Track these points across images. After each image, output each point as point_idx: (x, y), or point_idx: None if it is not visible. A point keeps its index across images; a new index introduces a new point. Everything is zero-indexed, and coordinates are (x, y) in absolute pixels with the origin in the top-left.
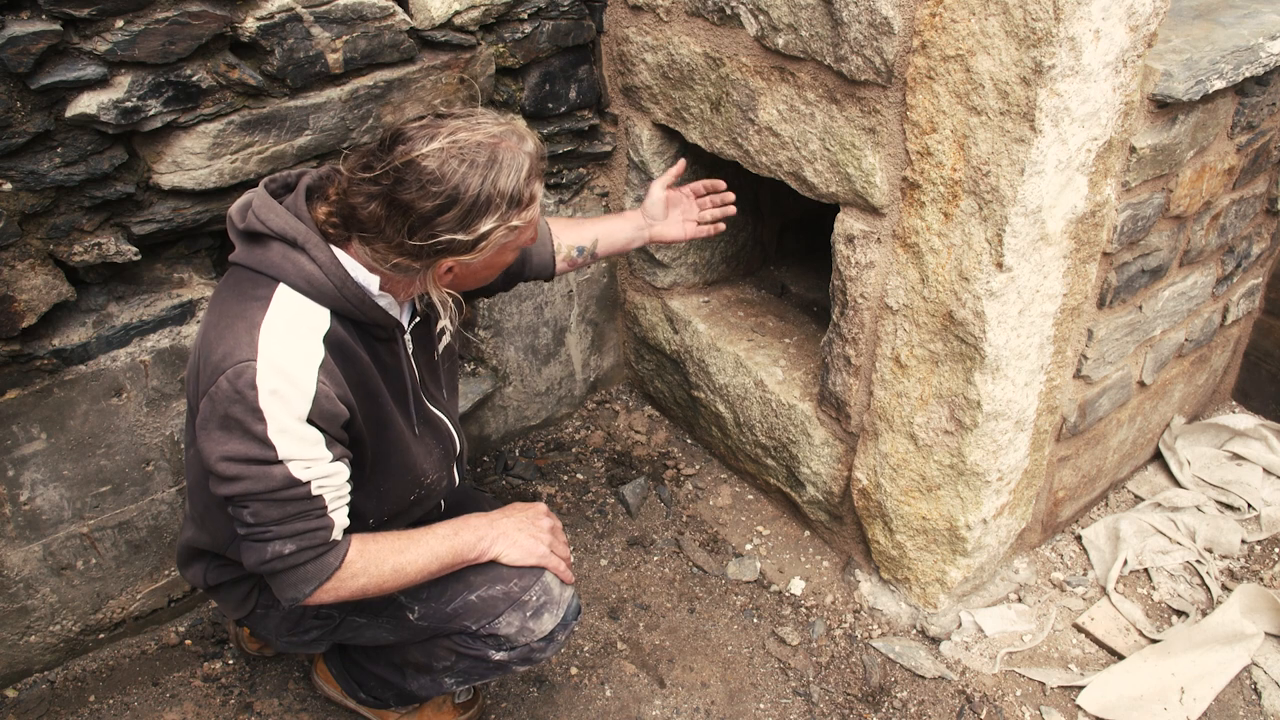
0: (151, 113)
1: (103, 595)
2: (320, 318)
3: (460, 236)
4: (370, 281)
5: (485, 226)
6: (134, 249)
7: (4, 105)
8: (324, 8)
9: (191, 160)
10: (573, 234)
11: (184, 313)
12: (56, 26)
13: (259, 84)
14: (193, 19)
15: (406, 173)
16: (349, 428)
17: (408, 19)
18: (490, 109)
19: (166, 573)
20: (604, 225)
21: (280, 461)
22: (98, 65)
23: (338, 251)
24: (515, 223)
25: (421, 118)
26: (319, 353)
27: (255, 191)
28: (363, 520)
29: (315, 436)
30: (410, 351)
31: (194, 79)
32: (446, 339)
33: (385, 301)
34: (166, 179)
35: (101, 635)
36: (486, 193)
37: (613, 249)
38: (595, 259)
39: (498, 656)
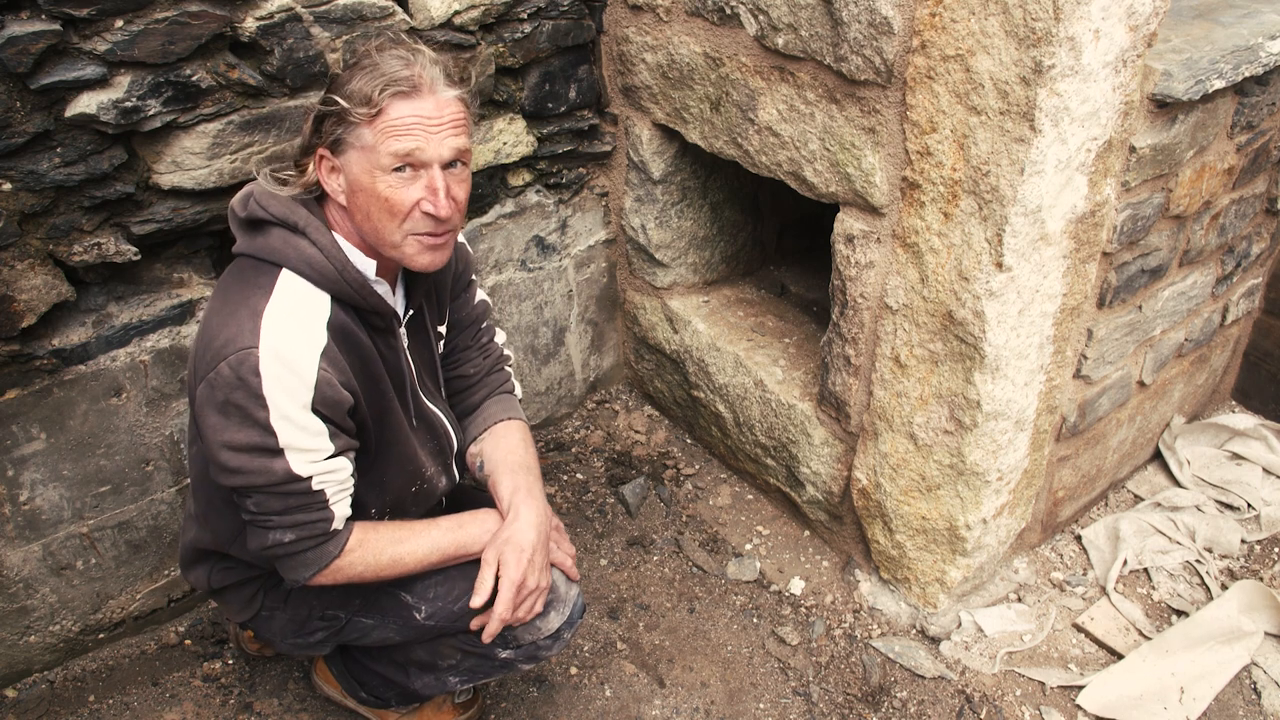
0: (151, 113)
1: (102, 595)
2: (322, 303)
3: (334, 95)
4: (367, 266)
5: (353, 87)
6: (134, 249)
7: (4, 105)
8: (324, 7)
9: (191, 160)
10: (489, 453)
11: (183, 313)
12: (56, 26)
13: (259, 84)
14: (192, 19)
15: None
16: (354, 414)
17: (407, 19)
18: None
19: (166, 573)
20: (503, 476)
21: (281, 451)
22: (97, 65)
23: (337, 236)
24: (375, 109)
25: None
26: (321, 339)
27: (256, 181)
28: (365, 510)
29: (318, 427)
30: (406, 345)
31: (194, 79)
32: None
33: (383, 289)
34: (166, 179)
35: (101, 635)
36: (367, 69)
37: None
38: (485, 479)
39: (504, 655)
